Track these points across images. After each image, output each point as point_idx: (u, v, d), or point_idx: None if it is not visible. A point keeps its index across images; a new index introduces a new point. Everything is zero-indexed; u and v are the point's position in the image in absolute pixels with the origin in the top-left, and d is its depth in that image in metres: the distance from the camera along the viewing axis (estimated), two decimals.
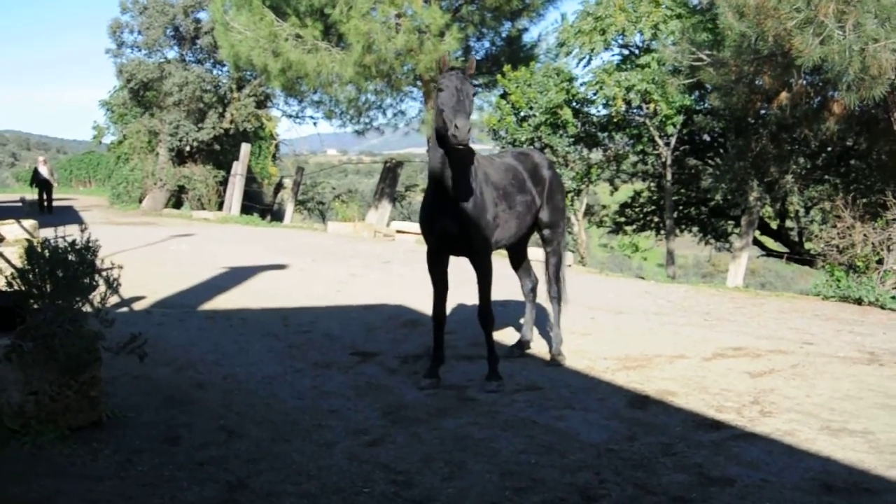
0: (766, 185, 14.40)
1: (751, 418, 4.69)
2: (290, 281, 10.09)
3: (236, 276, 10.08)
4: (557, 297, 6.18)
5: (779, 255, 18.73)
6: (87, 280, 4.33)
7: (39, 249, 4.31)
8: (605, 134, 17.04)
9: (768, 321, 7.94)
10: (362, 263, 11.98)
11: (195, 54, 25.63)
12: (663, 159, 16.45)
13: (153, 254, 12.45)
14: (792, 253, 17.43)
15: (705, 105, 15.46)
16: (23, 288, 4.31)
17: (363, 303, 8.62)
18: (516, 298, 7.41)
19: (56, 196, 24.98)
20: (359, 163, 46.15)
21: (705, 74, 11.60)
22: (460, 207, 5.07)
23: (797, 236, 18.38)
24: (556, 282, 6.17)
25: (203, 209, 23.37)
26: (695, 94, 15.28)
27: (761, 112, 13.64)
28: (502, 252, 6.21)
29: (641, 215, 20.40)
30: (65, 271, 4.26)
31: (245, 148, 22.28)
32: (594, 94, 16.47)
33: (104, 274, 4.46)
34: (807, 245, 17.17)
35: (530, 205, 5.77)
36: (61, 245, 4.36)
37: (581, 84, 16.86)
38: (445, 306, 5.51)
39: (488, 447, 4.21)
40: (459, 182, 5.04)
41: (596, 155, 17.46)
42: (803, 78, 11.17)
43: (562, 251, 6.24)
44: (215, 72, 25.43)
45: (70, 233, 4.64)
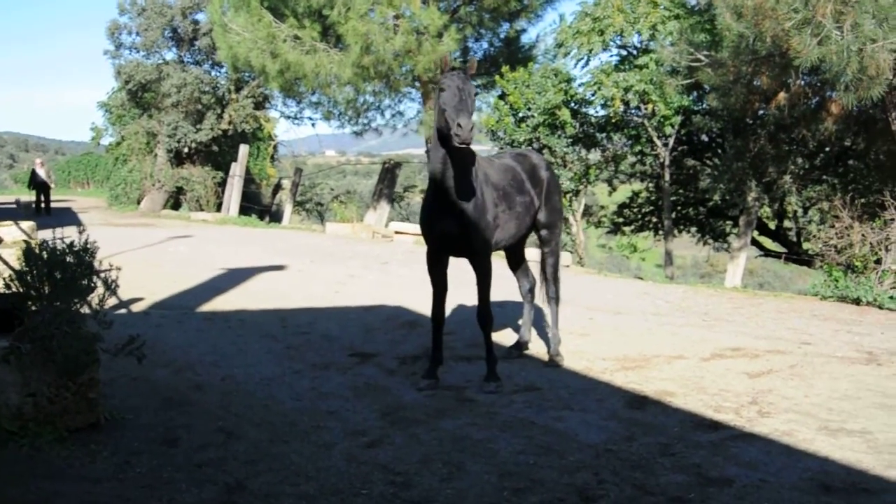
0: (765, 186, 14.43)
1: (749, 418, 4.69)
2: (289, 282, 10.09)
3: (235, 278, 10.07)
4: (555, 298, 6.19)
5: (777, 256, 18.76)
6: (86, 282, 4.32)
7: (37, 251, 4.30)
8: (604, 134, 17.06)
9: (766, 321, 7.95)
10: (361, 264, 11.98)
11: (193, 56, 25.63)
12: (661, 160, 16.46)
13: (151, 255, 12.43)
14: (790, 253, 17.46)
15: (703, 105, 15.48)
16: (21, 290, 4.30)
17: (362, 304, 8.61)
18: (514, 299, 7.41)
19: (54, 197, 24.95)
20: (357, 164, 46.20)
21: (703, 75, 11.61)
22: (461, 208, 5.07)
23: (795, 236, 18.41)
24: (554, 282, 6.18)
25: (201, 210, 23.35)
26: (693, 95, 15.30)
27: (759, 112, 13.67)
28: (499, 253, 6.21)
29: (640, 216, 20.41)
30: (63, 273, 4.25)
31: (243, 149, 22.27)
32: (592, 95, 16.49)
33: (102, 275, 4.46)
34: (805, 245, 17.19)
35: (529, 206, 5.77)
36: (59, 247, 4.36)
37: (579, 85, 16.89)
38: (444, 307, 5.51)
39: (487, 448, 4.21)
40: (461, 183, 5.03)
41: (594, 155, 17.48)
42: (801, 78, 11.19)
43: (559, 251, 6.25)
44: (214, 73, 25.43)
45: (68, 234, 4.63)
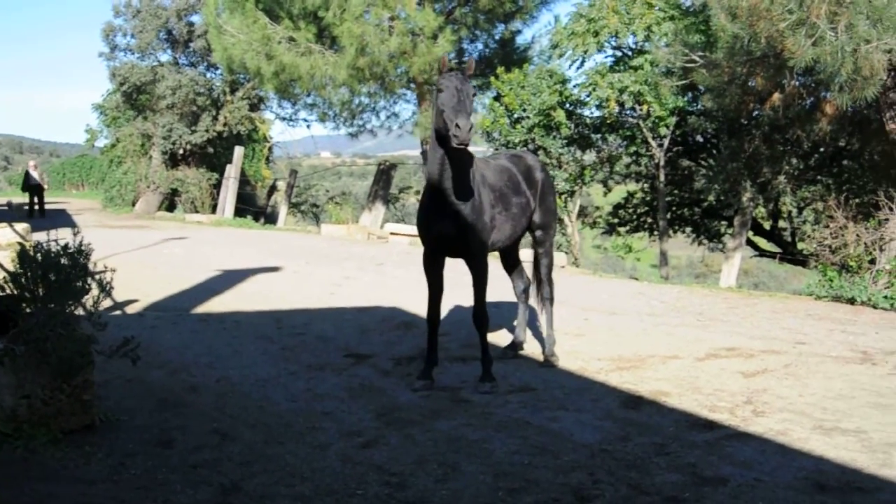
0: (759, 186, 14.49)
1: (744, 418, 4.70)
2: (284, 283, 10.08)
3: (230, 279, 10.06)
4: (549, 299, 6.20)
5: (772, 256, 18.82)
6: (80, 283, 4.31)
7: (32, 253, 4.29)
8: (599, 135, 17.10)
9: (761, 321, 7.96)
10: (356, 265, 11.97)
11: (188, 57, 25.62)
12: (656, 160, 16.50)
13: (146, 257, 12.41)
14: (785, 253, 17.52)
15: (698, 106, 15.54)
16: (15, 292, 4.29)
17: (357, 305, 8.61)
18: (509, 300, 7.41)
19: (49, 199, 24.92)
20: (352, 165, 46.23)
21: (698, 76, 11.64)
22: (459, 209, 5.07)
23: (790, 236, 18.48)
24: (549, 283, 6.19)
25: (196, 212, 23.32)
26: (688, 96, 15.34)
27: (754, 113, 13.72)
28: (493, 253, 6.22)
29: (635, 216, 20.46)
30: (57, 275, 4.24)
31: (238, 151, 22.24)
32: (587, 96, 16.52)
33: (97, 277, 4.45)
34: (799, 245, 17.27)
35: (525, 207, 5.77)
36: (54, 248, 4.35)
37: (574, 86, 16.92)
38: (440, 308, 5.51)
39: (482, 448, 4.21)
40: (458, 184, 5.03)
41: (589, 156, 17.51)
42: (796, 79, 11.24)
43: (553, 252, 6.26)
44: (209, 75, 25.42)
45: (63, 236, 4.62)
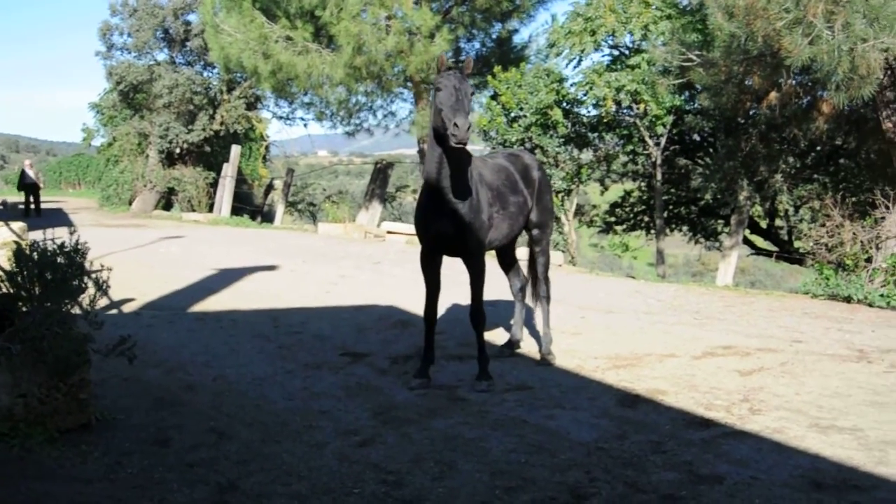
0: (756, 185, 14.50)
1: (740, 416, 4.71)
2: (281, 282, 10.07)
3: (226, 278, 10.04)
4: (546, 297, 6.20)
5: (768, 254, 18.86)
6: (76, 282, 4.30)
7: (28, 252, 4.28)
8: (596, 134, 17.11)
9: (758, 319, 7.97)
10: (353, 264, 11.97)
11: (185, 56, 25.61)
12: (653, 159, 16.51)
13: (143, 256, 12.39)
14: (781, 251, 17.55)
15: (695, 105, 15.54)
16: (11, 290, 4.29)
17: (354, 303, 8.61)
18: (506, 298, 7.42)
19: (45, 198, 24.89)
20: (349, 164, 46.21)
21: (695, 75, 11.65)
22: (456, 208, 5.06)
23: (787, 235, 18.50)
24: (545, 281, 6.19)
25: (193, 211, 23.32)
26: (685, 95, 15.36)
27: (751, 112, 13.74)
28: (490, 252, 6.22)
29: (631, 215, 20.48)
30: (53, 273, 4.23)
31: (235, 150, 22.23)
32: (584, 95, 16.52)
33: (93, 276, 4.43)
34: (796, 244, 17.30)
35: (522, 206, 5.77)
36: (50, 247, 4.34)
37: (571, 85, 16.94)
38: (437, 307, 5.51)
39: (478, 447, 4.21)
40: (456, 183, 5.03)
41: (586, 155, 17.53)
42: (792, 78, 11.26)
43: (549, 251, 6.27)
44: (205, 74, 25.41)
45: (59, 235, 4.61)
